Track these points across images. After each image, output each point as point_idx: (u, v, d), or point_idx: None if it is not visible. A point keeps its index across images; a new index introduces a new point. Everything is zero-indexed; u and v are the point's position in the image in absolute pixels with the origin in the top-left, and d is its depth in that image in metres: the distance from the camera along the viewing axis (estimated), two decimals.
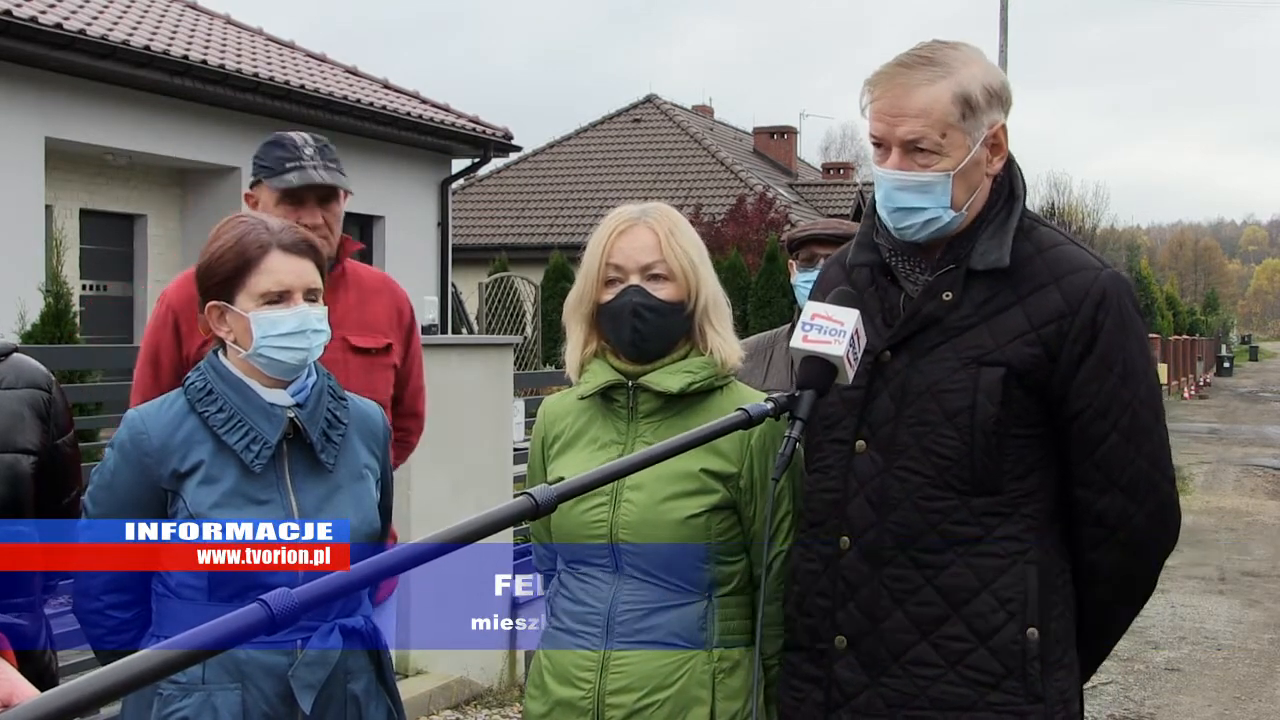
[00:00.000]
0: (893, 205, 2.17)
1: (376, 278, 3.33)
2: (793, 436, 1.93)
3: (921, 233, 2.18)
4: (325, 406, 2.43)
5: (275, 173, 3.05)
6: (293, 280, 2.36)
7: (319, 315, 2.39)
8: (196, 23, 15.68)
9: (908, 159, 2.14)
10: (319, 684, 2.31)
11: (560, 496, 1.38)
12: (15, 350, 2.50)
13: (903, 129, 2.13)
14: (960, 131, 2.13)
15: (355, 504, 2.42)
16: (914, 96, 2.12)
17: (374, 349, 3.17)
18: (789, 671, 2.32)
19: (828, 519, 2.24)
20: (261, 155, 3.11)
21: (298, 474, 2.38)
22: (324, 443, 2.40)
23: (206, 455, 2.34)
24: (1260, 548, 11.33)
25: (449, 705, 5.88)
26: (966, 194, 2.16)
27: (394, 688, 2.50)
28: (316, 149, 3.11)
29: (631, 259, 2.35)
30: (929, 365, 2.17)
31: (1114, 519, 2.16)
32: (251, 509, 2.31)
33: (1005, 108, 2.19)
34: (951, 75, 2.13)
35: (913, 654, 2.15)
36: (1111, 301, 2.15)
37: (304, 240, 2.42)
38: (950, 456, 2.13)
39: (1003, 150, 2.19)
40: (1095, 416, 2.14)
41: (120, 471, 2.37)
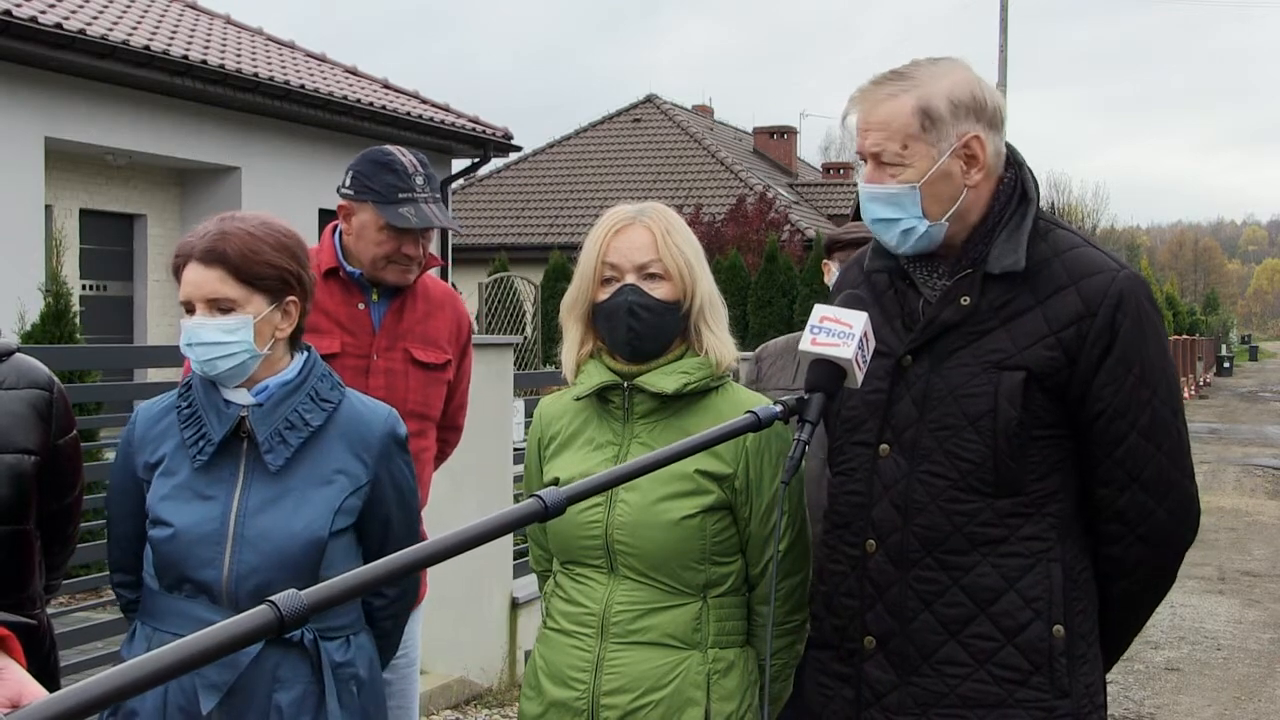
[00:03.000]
0: (869, 217, 2.22)
1: (443, 292, 3.34)
2: (802, 440, 1.92)
3: (905, 243, 2.20)
4: (293, 407, 2.40)
5: (388, 201, 3.03)
6: (190, 290, 2.37)
7: (222, 326, 2.34)
8: (196, 23, 15.68)
9: (879, 171, 2.19)
10: (224, 686, 2.30)
11: (570, 499, 1.38)
12: (16, 350, 2.50)
13: (868, 141, 2.20)
14: (923, 143, 2.16)
15: (303, 508, 2.37)
16: (878, 110, 2.19)
17: (434, 364, 3.20)
18: (816, 669, 2.34)
19: (853, 521, 2.27)
20: (368, 174, 3.07)
21: (253, 473, 2.38)
22: (275, 443, 2.37)
23: (171, 449, 2.42)
24: (1260, 548, 11.33)
25: (449, 705, 5.88)
26: (940, 205, 2.18)
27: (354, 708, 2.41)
28: (425, 179, 3.10)
29: (627, 258, 2.35)
30: (950, 370, 2.19)
31: (1135, 516, 2.20)
32: (195, 505, 2.36)
33: (982, 119, 2.19)
34: (916, 89, 2.17)
35: (942, 653, 2.18)
36: (1129, 303, 2.17)
37: (212, 249, 2.36)
38: (974, 460, 2.16)
39: (980, 161, 2.19)
40: (1115, 416, 2.16)
41: (117, 458, 2.54)
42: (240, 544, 2.33)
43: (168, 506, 2.37)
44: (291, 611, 1.10)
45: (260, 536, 2.33)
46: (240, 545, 2.33)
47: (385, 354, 3.12)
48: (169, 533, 2.35)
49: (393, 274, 3.10)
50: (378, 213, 3.04)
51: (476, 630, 6.26)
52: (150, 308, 14.69)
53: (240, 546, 2.33)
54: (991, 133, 2.20)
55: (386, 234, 3.04)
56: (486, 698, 6.12)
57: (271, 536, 2.33)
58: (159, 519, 2.37)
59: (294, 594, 1.12)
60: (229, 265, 2.36)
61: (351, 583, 1.16)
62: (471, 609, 6.21)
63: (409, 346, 3.16)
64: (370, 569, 1.19)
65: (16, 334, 8.62)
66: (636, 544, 2.30)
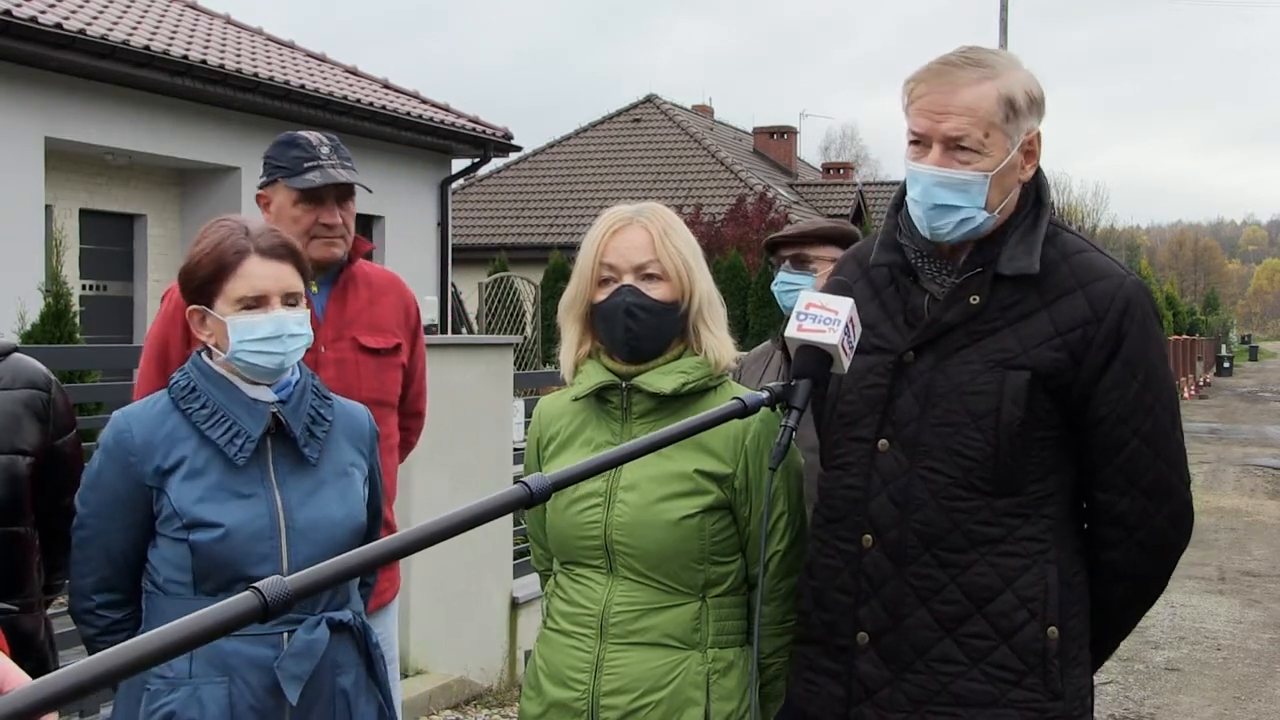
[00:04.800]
0: (930, 202, 2.17)
1: (385, 277, 3.32)
2: (789, 426, 1.93)
3: (955, 232, 2.18)
4: (309, 404, 2.44)
5: (294, 173, 3.03)
6: (269, 285, 2.37)
7: (297, 319, 2.39)
8: (196, 23, 15.67)
9: (948, 156, 2.15)
10: (305, 676, 2.32)
11: (555, 485, 1.38)
12: (15, 350, 2.50)
13: (947, 125, 2.14)
14: (1002, 133, 2.15)
15: (340, 498, 2.43)
16: (961, 94, 2.14)
17: (384, 349, 3.17)
18: (803, 664, 2.34)
19: (848, 515, 2.26)
20: (276, 155, 3.09)
21: (281, 469, 2.39)
22: (307, 438, 2.41)
23: (190, 451, 2.36)
24: (1260, 548, 11.32)
25: (449, 705, 5.87)
26: (1000, 196, 2.18)
27: (386, 684, 2.52)
28: (332, 148, 3.10)
29: (625, 258, 2.34)
30: (954, 367, 2.19)
31: (1134, 520, 2.21)
32: (236, 503, 2.33)
33: (1041, 117, 2.21)
34: (998, 77, 2.15)
35: (936, 651, 2.18)
36: (1136, 309, 2.18)
37: (283, 244, 2.42)
38: (975, 458, 2.16)
39: (1036, 158, 2.22)
40: (1118, 422, 2.17)
41: (105, 471, 2.39)
42: (293, 537, 2.35)
43: (209, 508, 2.32)
44: (276, 597, 1.10)
45: (310, 527, 2.37)
46: (293, 538, 2.35)
47: (333, 344, 3.10)
48: (218, 533, 2.30)
49: (318, 249, 3.06)
50: (287, 186, 3.04)
51: (476, 630, 6.26)
52: (150, 308, 14.67)
53: (294, 539, 2.35)
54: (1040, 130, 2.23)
55: (302, 208, 3.04)
56: (486, 698, 6.12)
57: (321, 526, 2.38)
58: (201, 521, 2.31)
59: (279, 580, 1.12)
60: (295, 259, 2.43)
61: (335, 569, 1.16)
62: (471, 609, 6.21)
63: (356, 334, 3.14)
64: (355, 555, 1.20)
65: (16, 334, 8.63)
66: (635, 544, 2.30)
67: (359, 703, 2.42)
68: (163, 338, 2.99)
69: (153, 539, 2.38)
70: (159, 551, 2.37)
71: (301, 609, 2.33)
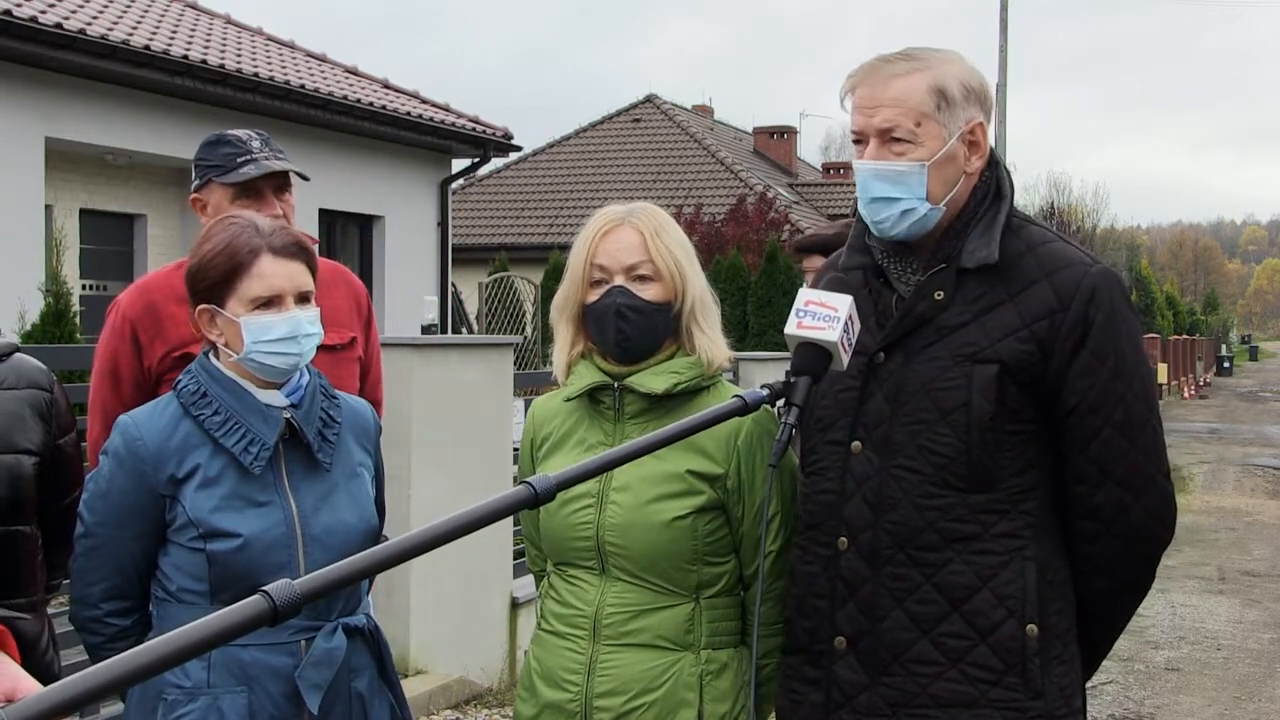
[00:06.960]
0: (869, 196, 2.19)
1: (331, 269, 3.21)
2: (789, 423, 1.92)
3: (900, 225, 2.18)
4: (319, 406, 2.42)
5: (227, 169, 2.97)
6: (283, 284, 2.34)
7: (310, 318, 2.37)
8: (196, 23, 15.67)
9: (884, 148, 2.17)
10: (325, 684, 2.30)
11: (560, 485, 1.38)
12: (16, 350, 2.50)
13: (878, 118, 2.17)
14: (935, 123, 2.15)
15: (352, 502, 2.42)
16: (890, 86, 2.17)
17: (339, 345, 3.08)
18: (788, 674, 2.32)
19: (825, 520, 2.25)
20: (206, 155, 3.02)
21: (294, 474, 2.37)
22: (320, 442, 2.39)
23: (204, 459, 2.31)
24: (1260, 548, 11.32)
25: (449, 705, 5.87)
26: (943, 187, 2.18)
27: (396, 683, 2.50)
28: (263, 141, 3.05)
29: (616, 259, 2.34)
30: (923, 364, 2.18)
31: (1111, 513, 2.17)
32: (252, 511, 2.30)
33: (984, 108, 2.21)
34: (930, 69, 2.17)
35: (913, 652, 2.16)
36: (1102, 296, 2.16)
37: (295, 242, 2.39)
38: (946, 454, 2.14)
39: (981, 148, 2.21)
40: (1089, 411, 2.15)
41: (116, 479, 2.32)
42: (310, 544, 2.33)
43: (226, 517, 2.28)
44: (285, 600, 1.10)
45: (326, 533, 2.35)
46: (310, 545, 2.33)
47: None
48: (237, 543, 2.27)
49: None
50: (222, 184, 2.97)
51: (476, 630, 6.26)
52: None
53: (311, 546, 2.33)
54: (988, 124, 2.22)
55: (241, 204, 2.94)
56: (486, 698, 6.12)
57: (336, 532, 2.36)
58: (219, 531, 2.27)
59: (287, 584, 1.12)
60: (307, 257, 2.40)
61: (343, 571, 1.16)
62: (471, 609, 6.21)
63: None
64: (363, 557, 1.20)
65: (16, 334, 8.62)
66: (628, 545, 2.29)
67: (373, 704, 2.40)
68: (112, 354, 2.88)
69: (163, 546, 2.34)
70: (171, 559, 2.32)
71: (318, 615, 2.32)
